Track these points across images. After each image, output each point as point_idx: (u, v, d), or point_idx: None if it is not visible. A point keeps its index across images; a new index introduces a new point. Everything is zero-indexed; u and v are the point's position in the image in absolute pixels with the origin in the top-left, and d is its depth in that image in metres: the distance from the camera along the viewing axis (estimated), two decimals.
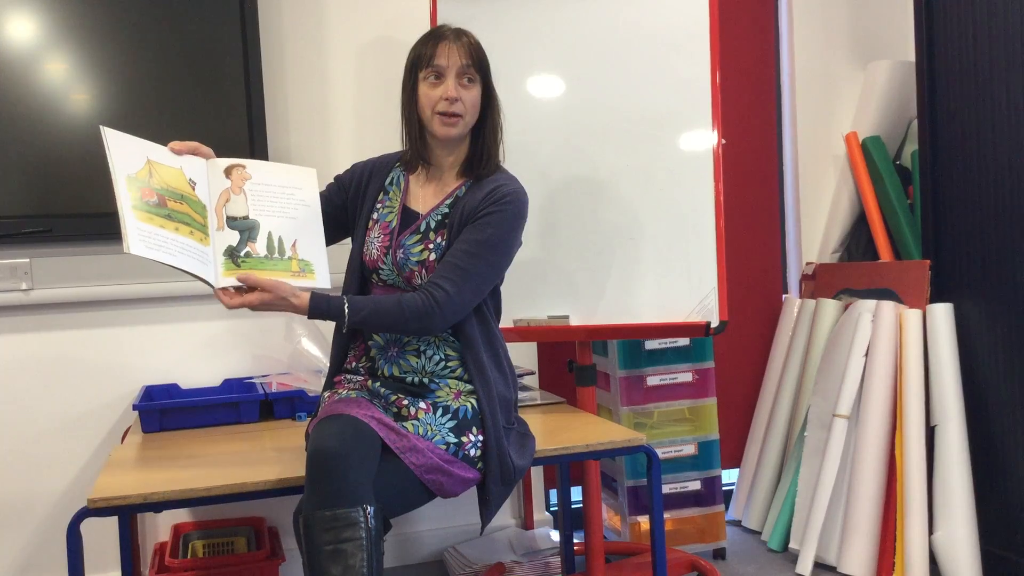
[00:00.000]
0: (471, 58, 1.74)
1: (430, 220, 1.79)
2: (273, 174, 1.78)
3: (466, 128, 1.78)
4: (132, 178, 1.61)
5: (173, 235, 1.62)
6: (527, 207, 1.81)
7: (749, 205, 3.15)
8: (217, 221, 1.70)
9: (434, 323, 1.70)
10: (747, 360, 3.17)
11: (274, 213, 1.76)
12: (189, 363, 2.63)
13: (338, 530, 1.50)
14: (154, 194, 1.62)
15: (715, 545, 2.73)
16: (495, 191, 1.76)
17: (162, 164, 1.67)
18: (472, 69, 1.74)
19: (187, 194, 1.68)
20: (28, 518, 2.53)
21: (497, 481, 1.74)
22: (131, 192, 1.59)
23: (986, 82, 2.48)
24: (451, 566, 2.64)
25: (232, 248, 1.69)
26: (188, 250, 1.63)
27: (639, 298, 2.24)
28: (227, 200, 1.73)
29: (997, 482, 2.47)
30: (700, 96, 2.21)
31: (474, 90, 1.76)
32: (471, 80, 1.75)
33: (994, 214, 2.47)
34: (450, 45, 1.74)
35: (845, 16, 3.21)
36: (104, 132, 1.62)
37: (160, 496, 1.64)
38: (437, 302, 1.69)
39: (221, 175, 1.74)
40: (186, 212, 1.66)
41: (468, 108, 1.75)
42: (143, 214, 1.59)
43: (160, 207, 1.62)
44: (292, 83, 2.72)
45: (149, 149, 1.68)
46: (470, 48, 1.75)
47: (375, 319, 1.68)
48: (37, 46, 2.43)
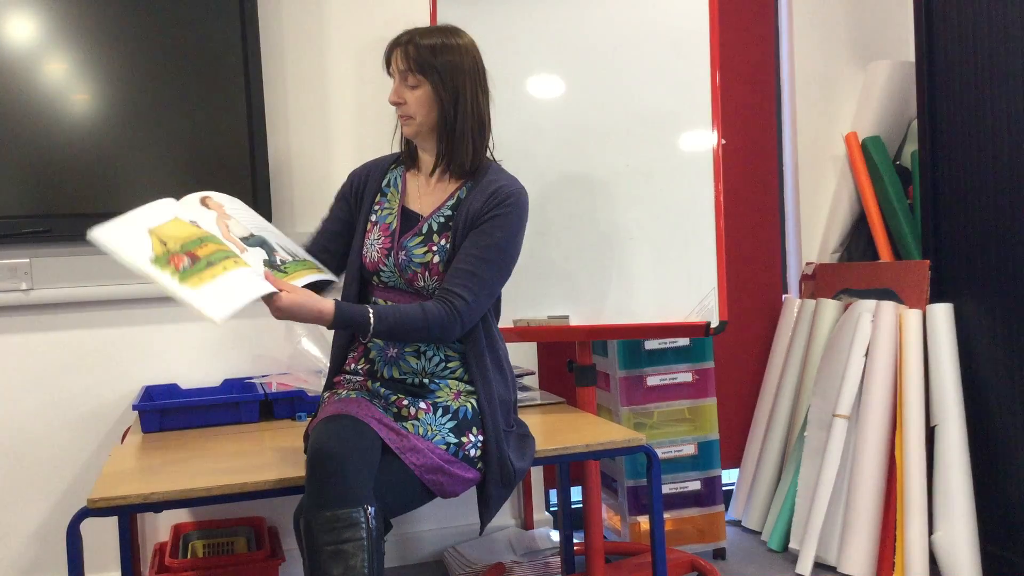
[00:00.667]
0: (411, 61, 1.76)
1: (432, 222, 1.79)
2: (221, 198, 1.77)
3: (421, 127, 1.80)
4: (154, 259, 1.52)
5: (227, 276, 1.55)
6: (528, 204, 1.82)
7: (749, 205, 3.15)
8: (236, 246, 1.66)
9: (455, 332, 1.72)
10: (747, 360, 3.17)
11: (261, 227, 1.75)
12: (189, 363, 2.63)
13: (339, 530, 1.50)
14: (182, 257, 1.55)
15: (715, 545, 2.73)
16: (497, 192, 1.76)
17: (162, 225, 1.59)
18: (411, 73, 1.76)
19: (201, 235, 1.61)
20: (28, 518, 2.53)
21: (497, 483, 1.74)
22: (164, 271, 1.51)
23: (986, 82, 2.48)
24: (451, 566, 2.64)
25: (268, 261, 1.68)
26: (245, 279, 1.56)
27: (639, 298, 2.24)
28: (227, 227, 1.70)
29: (997, 482, 2.48)
30: (700, 96, 2.21)
31: (420, 90, 1.77)
32: (413, 82, 1.77)
33: (994, 214, 2.47)
34: (397, 51, 1.79)
35: (845, 16, 3.21)
36: (95, 239, 1.51)
37: (160, 496, 1.64)
38: (457, 311, 1.70)
39: (201, 208, 1.69)
40: (215, 248, 1.59)
41: (415, 108, 1.78)
42: (193, 280, 1.51)
43: (196, 262, 1.55)
44: (292, 83, 2.72)
45: (141, 220, 1.58)
46: (409, 52, 1.76)
47: (400, 329, 1.67)
48: (37, 46, 2.43)
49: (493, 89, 1.86)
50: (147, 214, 1.59)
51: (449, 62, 1.77)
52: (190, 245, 1.57)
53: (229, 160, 2.56)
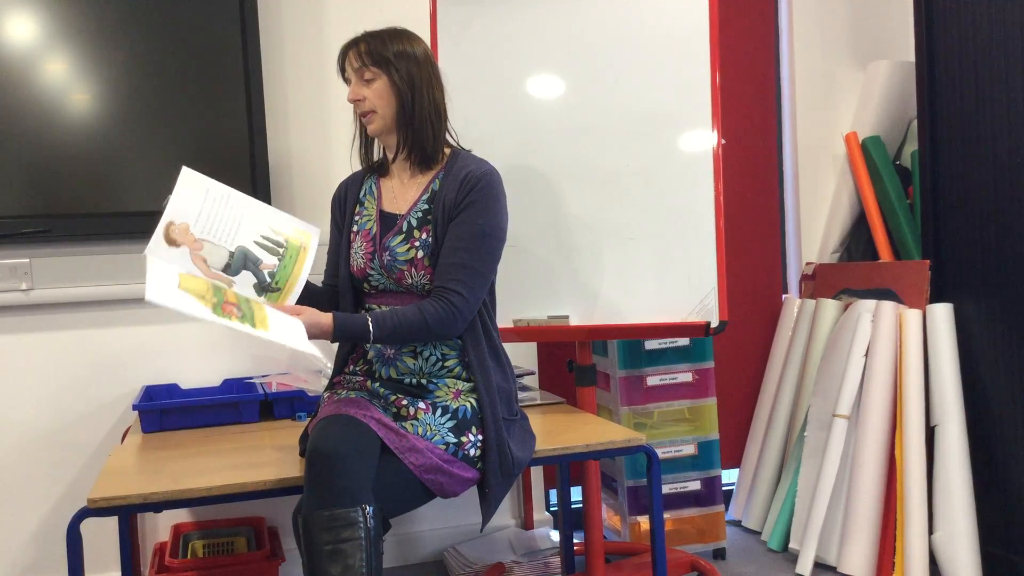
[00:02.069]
0: (363, 58, 1.78)
1: (411, 219, 1.80)
2: (184, 205, 1.66)
3: (385, 120, 1.80)
4: (215, 308, 1.51)
5: (267, 310, 1.56)
6: (502, 183, 1.82)
7: (749, 205, 3.15)
8: (222, 282, 1.64)
9: (456, 328, 1.74)
10: (747, 360, 3.17)
11: (236, 227, 1.69)
12: (189, 363, 2.63)
13: (337, 530, 1.50)
14: (231, 307, 1.54)
15: (715, 545, 2.73)
16: (467, 179, 1.77)
17: (181, 281, 1.55)
18: (366, 68, 1.78)
19: (209, 284, 1.59)
20: (28, 518, 2.53)
21: (496, 473, 1.74)
22: (232, 320, 1.50)
23: (986, 82, 2.48)
24: (451, 566, 2.64)
25: (258, 283, 1.67)
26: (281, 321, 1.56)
27: (639, 298, 2.23)
28: (204, 260, 1.65)
29: (997, 482, 2.47)
30: (700, 96, 2.21)
31: (377, 83, 1.79)
32: (370, 77, 1.79)
33: (994, 214, 2.47)
34: (349, 54, 1.81)
35: (845, 16, 3.21)
36: (156, 302, 1.44)
37: (160, 496, 1.64)
38: (456, 307, 1.71)
39: (172, 251, 1.63)
40: (230, 293, 1.58)
41: (375, 100, 1.79)
42: (258, 321, 1.52)
43: (240, 307, 1.54)
44: (292, 83, 2.72)
45: (167, 280, 1.52)
46: (361, 49, 1.79)
47: (400, 332, 1.69)
48: (37, 46, 2.43)
49: (494, 89, 1.87)
50: (161, 274, 1.54)
51: (402, 51, 1.79)
52: (218, 295, 1.56)
53: (229, 160, 2.56)
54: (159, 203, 2.50)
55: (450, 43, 2.36)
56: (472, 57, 2.35)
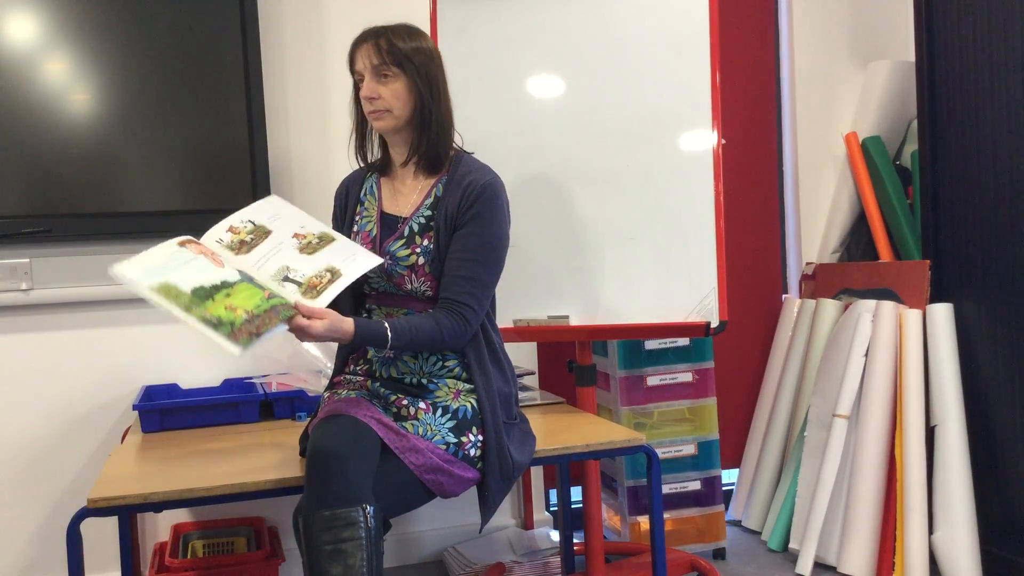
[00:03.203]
0: (383, 55, 1.74)
1: (413, 224, 1.79)
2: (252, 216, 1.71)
3: (398, 120, 1.78)
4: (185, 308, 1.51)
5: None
6: (504, 191, 1.82)
7: (749, 205, 3.15)
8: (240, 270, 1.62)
9: (466, 339, 1.76)
10: (747, 360, 3.17)
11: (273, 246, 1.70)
12: (189, 363, 2.63)
13: (337, 530, 1.50)
14: (240, 333, 1.51)
15: (715, 545, 2.73)
16: (470, 187, 1.76)
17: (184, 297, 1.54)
18: (386, 66, 1.75)
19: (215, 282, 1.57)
20: (28, 518, 2.53)
21: (496, 476, 1.74)
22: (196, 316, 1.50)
23: (986, 82, 2.48)
24: (451, 566, 2.64)
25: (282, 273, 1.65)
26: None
27: (639, 298, 2.23)
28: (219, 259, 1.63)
29: (997, 482, 2.47)
30: (700, 96, 2.21)
31: (396, 82, 1.76)
32: (389, 75, 1.76)
33: (994, 214, 2.47)
34: (364, 47, 1.77)
35: (845, 16, 3.21)
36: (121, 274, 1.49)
37: (160, 496, 1.63)
38: (468, 321, 1.73)
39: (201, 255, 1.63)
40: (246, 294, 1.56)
41: (391, 101, 1.76)
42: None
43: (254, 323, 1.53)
44: (292, 83, 2.72)
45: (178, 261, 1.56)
46: (381, 47, 1.75)
47: (417, 343, 1.70)
48: (37, 46, 2.43)
49: (493, 89, 1.86)
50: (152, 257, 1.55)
51: (422, 51, 1.77)
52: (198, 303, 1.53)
53: (229, 160, 2.56)
54: (158, 203, 2.50)
55: (450, 43, 2.35)
56: (472, 57, 2.35)
